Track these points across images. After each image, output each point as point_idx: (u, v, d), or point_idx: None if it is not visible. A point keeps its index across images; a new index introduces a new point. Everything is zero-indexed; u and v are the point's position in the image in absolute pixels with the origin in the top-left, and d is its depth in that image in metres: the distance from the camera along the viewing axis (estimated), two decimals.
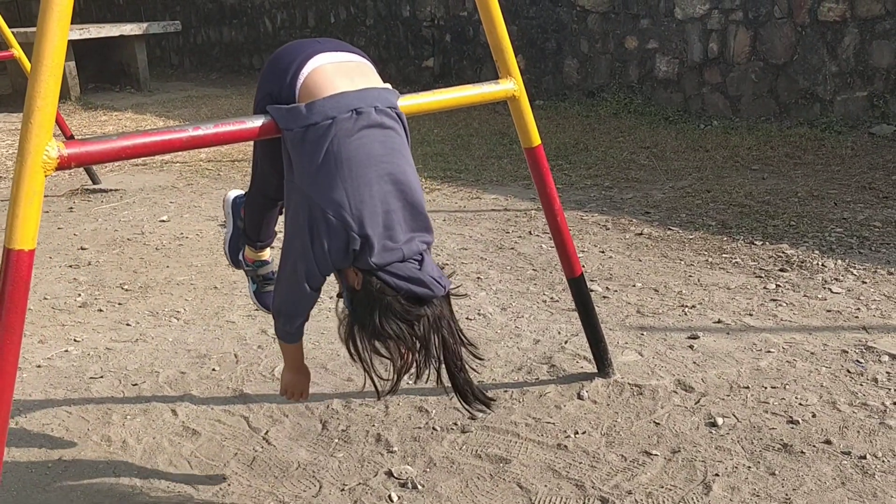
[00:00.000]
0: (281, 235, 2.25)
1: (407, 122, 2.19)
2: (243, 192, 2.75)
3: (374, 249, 2.03)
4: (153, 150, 1.92)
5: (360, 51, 2.28)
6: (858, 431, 2.64)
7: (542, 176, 2.78)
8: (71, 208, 5.81)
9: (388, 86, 2.21)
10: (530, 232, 4.79)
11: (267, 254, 2.78)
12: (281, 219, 2.47)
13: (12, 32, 5.91)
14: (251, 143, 2.37)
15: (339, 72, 2.13)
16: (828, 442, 2.59)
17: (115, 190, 6.23)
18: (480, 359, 2.27)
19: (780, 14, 6.83)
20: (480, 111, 8.17)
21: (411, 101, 2.36)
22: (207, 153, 7.23)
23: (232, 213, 2.76)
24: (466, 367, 2.19)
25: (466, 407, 2.24)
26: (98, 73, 11.87)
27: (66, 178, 6.64)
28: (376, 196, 2.04)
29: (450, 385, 2.18)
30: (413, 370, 2.12)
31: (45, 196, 5.73)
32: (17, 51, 5.74)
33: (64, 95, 10.41)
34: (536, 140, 2.74)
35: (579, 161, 6.31)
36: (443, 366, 2.13)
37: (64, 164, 1.77)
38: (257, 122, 2.07)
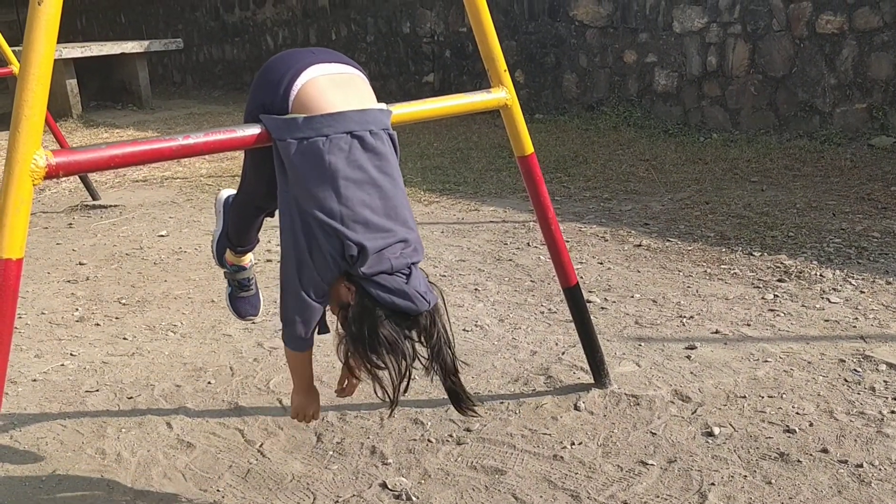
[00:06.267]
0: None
1: (398, 139, 2.21)
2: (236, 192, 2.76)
3: (368, 259, 2.02)
4: (142, 158, 1.91)
5: (354, 61, 2.29)
6: (855, 440, 2.62)
7: (535, 185, 2.78)
8: (70, 224, 5.82)
9: (383, 105, 2.20)
10: (528, 243, 4.78)
11: (247, 259, 2.77)
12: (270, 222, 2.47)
13: (13, 51, 5.94)
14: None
15: (332, 84, 2.13)
16: (825, 451, 2.57)
17: (115, 206, 6.24)
18: (464, 364, 2.29)
19: (779, 27, 6.84)
20: (480, 124, 8.19)
21: (405, 110, 2.36)
22: (208, 168, 7.25)
23: (223, 211, 2.75)
24: (460, 374, 2.20)
25: (460, 412, 2.26)
26: (100, 90, 11.92)
27: (65, 195, 6.66)
28: (369, 218, 2.05)
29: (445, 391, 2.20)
30: (407, 381, 2.13)
31: (44, 212, 5.71)
32: (17, 67, 5.76)
33: (65, 113, 10.45)
34: (529, 148, 2.74)
35: (578, 173, 6.31)
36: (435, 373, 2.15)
37: (52, 173, 1.76)
38: (248, 132, 2.07)
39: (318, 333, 2.31)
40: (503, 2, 8.79)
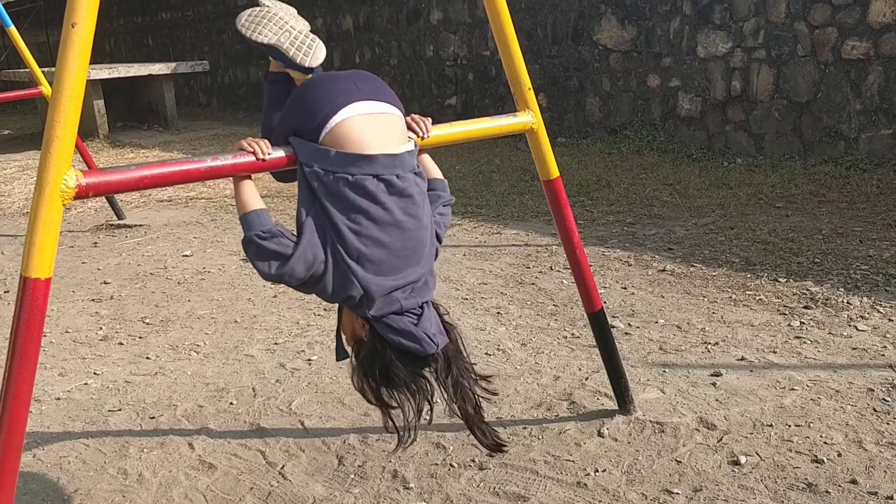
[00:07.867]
0: None
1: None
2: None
3: (375, 303, 2.06)
4: (171, 180, 1.93)
5: (394, 95, 2.23)
6: (885, 471, 2.58)
7: (560, 208, 2.77)
8: (95, 243, 5.86)
9: (411, 145, 2.17)
10: (551, 267, 4.76)
11: None
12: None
13: (43, 72, 6.01)
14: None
15: (369, 124, 2.08)
16: (854, 482, 2.53)
17: (140, 225, 6.29)
18: (495, 394, 2.29)
19: (803, 52, 6.81)
20: (502, 148, 8.19)
21: (433, 133, 2.35)
22: (233, 189, 7.28)
23: None
24: (481, 409, 2.21)
25: (482, 447, 2.27)
26: (126, 111, 12.05)
27: (91, 214, 6.71)
28: (384, 259, 2.06)
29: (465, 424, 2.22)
30: (425, 415, 2.16)
31: (69, 231, 5.73)
32: (46, 88, 5.83)
33: (92, 133, 10.56)
34: (555, 172, 2.74)
35: (601, 197, 6.29)
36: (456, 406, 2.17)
37: (82, 193, 1.77)
38: (276, 154, 2.08)
39: (337, 360, 2.33)
40: (527, 26, 8.82)
